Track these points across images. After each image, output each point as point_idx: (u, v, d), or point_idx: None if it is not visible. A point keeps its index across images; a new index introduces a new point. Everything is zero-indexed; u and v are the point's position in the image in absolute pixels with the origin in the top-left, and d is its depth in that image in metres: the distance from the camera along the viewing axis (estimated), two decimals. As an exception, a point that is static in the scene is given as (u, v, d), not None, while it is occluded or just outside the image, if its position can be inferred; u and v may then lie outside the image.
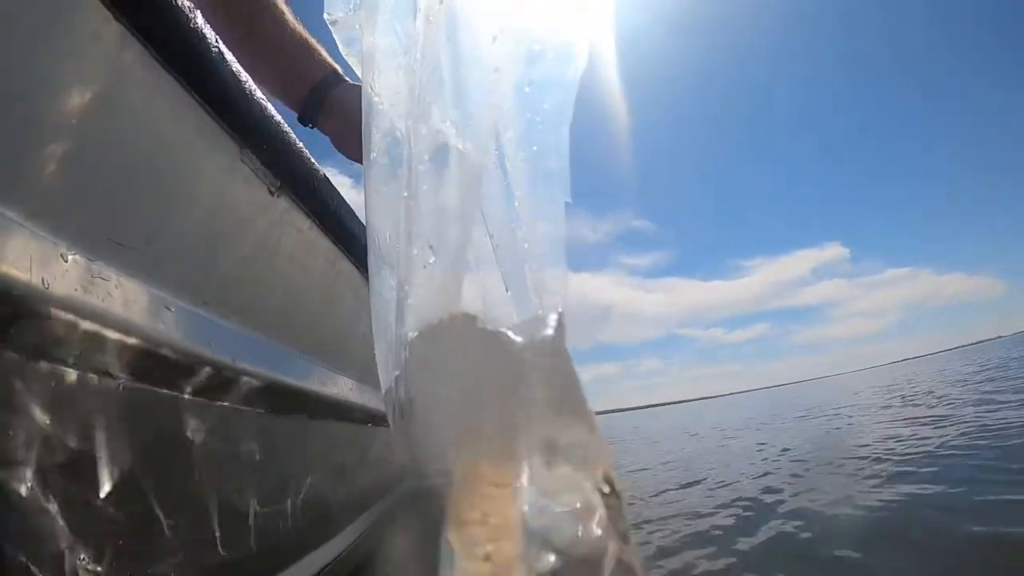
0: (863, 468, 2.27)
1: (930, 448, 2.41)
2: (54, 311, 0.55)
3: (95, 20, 0.56)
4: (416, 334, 0.38)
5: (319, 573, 1.54)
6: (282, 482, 1.22)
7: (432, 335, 0.36)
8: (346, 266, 1.25)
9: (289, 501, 1.27)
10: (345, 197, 1.17)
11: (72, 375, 0.60)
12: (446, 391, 0.34)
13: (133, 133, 0.65)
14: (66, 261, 0.57)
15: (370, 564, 1.81)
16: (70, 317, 0.57)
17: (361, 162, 1.34)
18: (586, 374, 0.30)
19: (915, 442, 2.66)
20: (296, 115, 1.16)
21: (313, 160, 1.01)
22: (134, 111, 0.64)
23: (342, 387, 1.39)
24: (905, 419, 3.87)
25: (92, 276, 0.60)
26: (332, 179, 1.10)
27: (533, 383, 0.28)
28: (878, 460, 2.39)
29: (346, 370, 1.42)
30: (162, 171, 0.71)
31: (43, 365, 0.56)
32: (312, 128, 1.17)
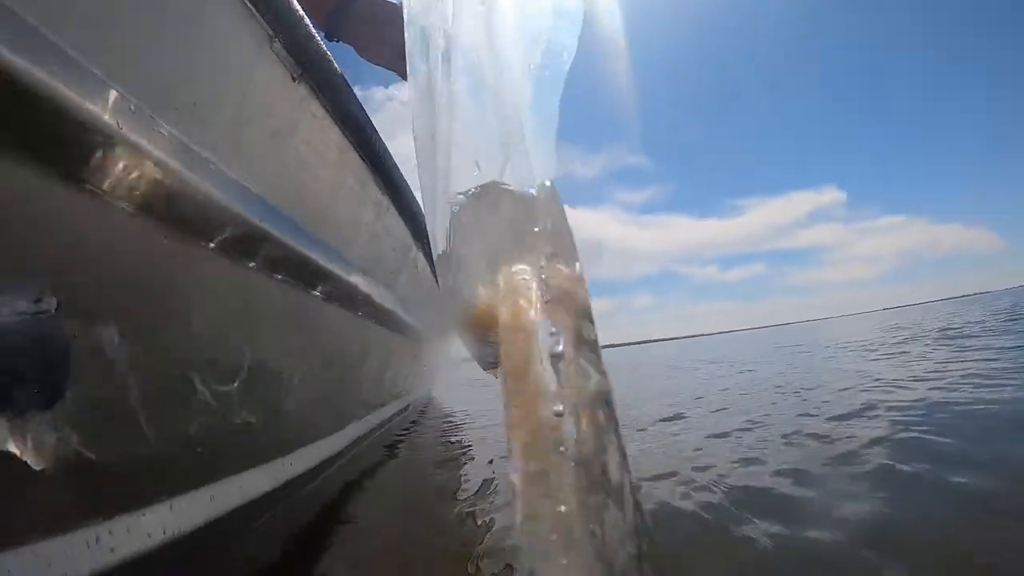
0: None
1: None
2: (122, 147, 0.71)
3: None
4: (461, 198, 0.50)
5: (316, 467, 1.74)
6: (289, 360, 1.41)
7: (473, 197, 0.48)
8: (354, 158, 1.40)
9: (295, 381, 1.48)
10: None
11: (123, 205, 0.76)
12: (482, 238, 0.49)
13: (186, 18, 0.80)
14: (132, 111, 0.72)
15: (363, 479, 1.97)
16: (134, 154, 0.73)
17: (383, 66, 1.48)
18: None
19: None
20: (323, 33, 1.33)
21: (331, 57, 1.14)
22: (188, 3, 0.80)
23: (351, 275, 1.56)
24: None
25: (153, 126, 0.76)
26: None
27: (537, 228, 0.39)
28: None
29: (352, 258, 1.59)
30: (207, 48, 0.85)
31: (106, 191, 0.72)
32: (338, 42, 1.35)
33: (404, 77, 1.58)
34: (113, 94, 0.68)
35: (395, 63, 1.49)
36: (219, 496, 1.13)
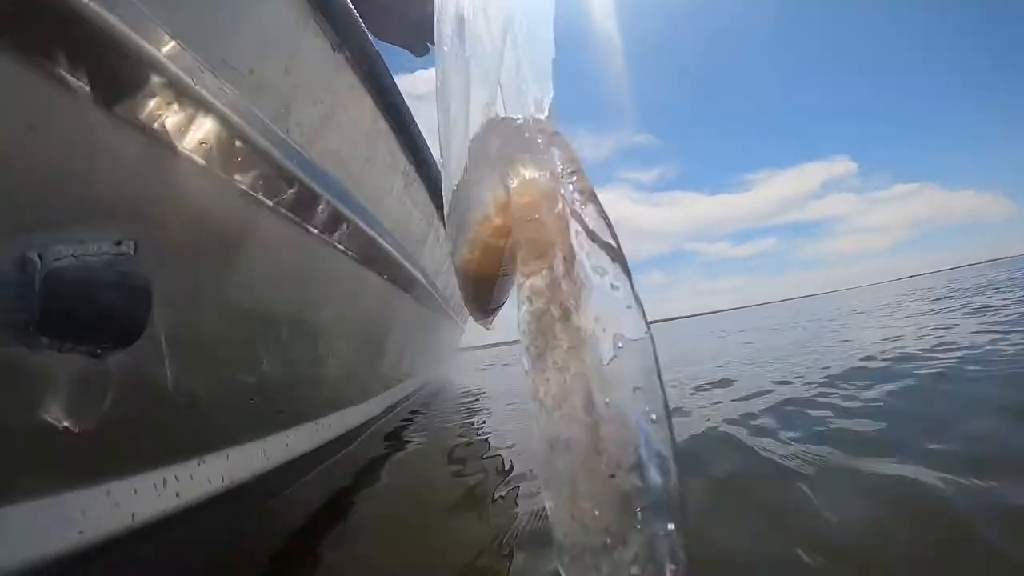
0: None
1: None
2: (196, 106, 0.82)
3: None
4: (478, 130, 0.53)
5: (353, 430, 1.83)
6: (329, 319, 1.51)
7: (486, 128, 0.52)
8: (384, 126, 1.50)
9: (335, 341, 1.57)
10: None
11: (194, 159, 0.85)
12: (487, 158, 0.54)
13: None
14: (203, 72, 0.82)
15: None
16: (205, 113, 0.84)
17: (397, 44, 1.57)
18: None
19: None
20: None
21: (365, 29, 1.24)
22: None
23: (384, 239, 1.66)
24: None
25: (220, 86, 0.86)
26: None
27: (541, 144, 0.43)
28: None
29: (383, 224, 1.68)
30: (259, 20, 0.96)
31: (180, 146, 0.82)
32: None
33: (416, 54, 1.67)
34: (188, 57, 0.78)
35: (407, 41, 1.58)
36: (269, 450, 1.24)
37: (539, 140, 0.42)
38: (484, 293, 0.65)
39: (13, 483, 0.67)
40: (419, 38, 1.59)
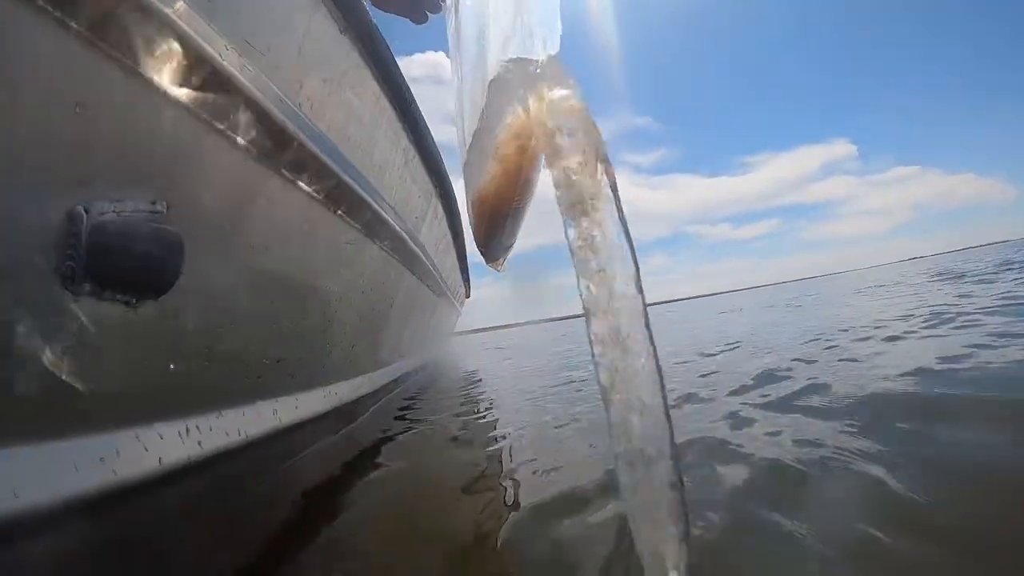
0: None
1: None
2: (225, 81, 0.91)
3: None
4: (495, 71, 0.60)
5: (358, 399, 1.96)
6: (337, 289, 1.60)
7: (505, 67, 0.58)
8: (386, 105, 1.59)
9: (340, 312, 1.67)
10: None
11: (220, 128, 0.94)
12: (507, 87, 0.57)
13: None
14: (227, 49, 0.91)
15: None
16: (233, 88, 0.93)
17: (397, 12, 1.65)
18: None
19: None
20: None
21: (368, 11, 1.33)
22: None
23: (384, 210, 1.75)
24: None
25: (241, 64, 0.95)
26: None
27: (546, 77, 0.51)
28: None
29: (386, 199, 1.78)
30: (274, 3, 1.05)
31: (207, 118, 0.91)
32: None
33: (416, 21, 1.73)
34: (216, 37, 0.87)
35: (407, 9, 1.65)
36: (281, 410, 1.35)
37: (553, 70, 0.50)
38: (498, 227, 0.71)
39: (52, 419, 0.75)
40: (418, 6, 1.66)
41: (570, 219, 0.47)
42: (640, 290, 0.45)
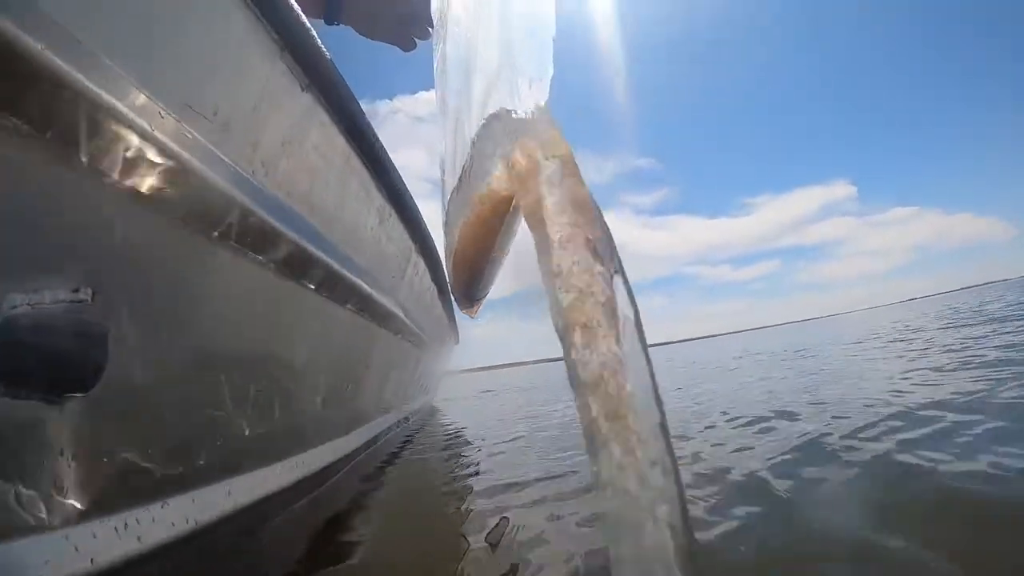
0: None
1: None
2: (152, 149, 0.81)
3: None
4: (480, 123, 0.56)
5: (327, 467, 1.84)
6: (299, 360, 1.50)
7: (488, 120, 0.54)
8: (358, 164, 1.50)
9: (305, 381, 1.56)
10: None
11: (152, 204, 0.85)
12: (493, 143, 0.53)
13: (204, 31, 0.91)
14: (162, 115, 0.82)
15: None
16: (163, 156, 0.83)
17: (385, 41, 1.58)
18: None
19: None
20: (322, 20, 1.43)
21: (336, 67, 1.24)
22: (204, 14, 0.91)
23: (354, 276, 1.65)
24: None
25: (178, 131, 0.85)
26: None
27: (531, 129, 0.46)
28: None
29: (356, 262, 1.68)
30: (225, 61, 0.96)
31: (137, 190, 0.82)
32: (338, 25, 1.46)
33: (405, 48, 1.68)
34: (143, 98, 0.78)
35: (395, 36, 1.60)
36: (236, 491, 1.22)
37: (537, 130, 0.44)
38: (474, 278, 0.69)
39: None
40: (407, 34, 1.62)
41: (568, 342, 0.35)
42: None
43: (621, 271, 0.37)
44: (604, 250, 0.36)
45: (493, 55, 0.57)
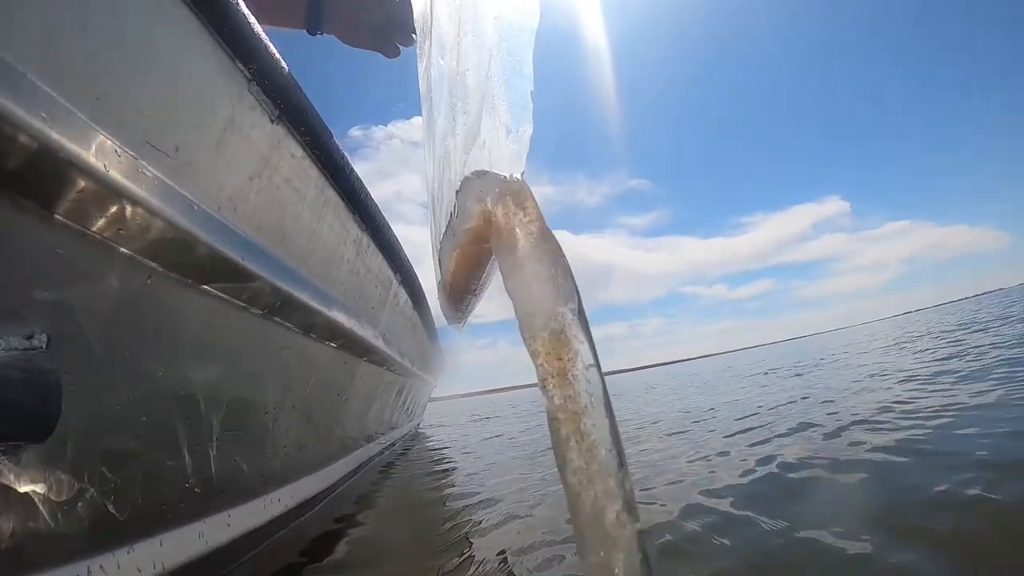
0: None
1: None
2: (109, 189, 0.79)
3: None
4: (463, 174, 0.57)
5: (303, 503, 1.80)
6: (273, 395, 1.47)
7: (469, 177, 0.55)
8: (332, 196, 1.49)
9: (280, 416, 1.54)
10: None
11: (109, 245, 0.83)
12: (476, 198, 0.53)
13: (166, 66, 0.90)
14: (118, 154, 0.80)
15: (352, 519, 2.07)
16: (119, 196, 0.81)
17: (367, 48, 1.59)
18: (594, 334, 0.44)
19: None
20: (304, 30, 1.47)
21: (306, 96, 1.24)
22: (166, 49, 0.89)
23: (333, 311, 1.63)
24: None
25: (138, 168, 0.84)
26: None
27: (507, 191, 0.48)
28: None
29: (332, 295, 1.66)
30: (187, 96, 0.95)
31: (93, 231, 0.80)
32: (320, 35, 1.49)
33: (388, 55, 1.68)
34: (99, 138, 0.76)
35: (378, 43, 1.61)
36: (208, 532, 1.19)
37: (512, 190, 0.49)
38: (461, 305, 0.77)
39: None
40: (388, 40, 1.63)
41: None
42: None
43: (579, 308, 0.43)
44: (565, 289, 0.44)
45: (474, 100, 0.58)
